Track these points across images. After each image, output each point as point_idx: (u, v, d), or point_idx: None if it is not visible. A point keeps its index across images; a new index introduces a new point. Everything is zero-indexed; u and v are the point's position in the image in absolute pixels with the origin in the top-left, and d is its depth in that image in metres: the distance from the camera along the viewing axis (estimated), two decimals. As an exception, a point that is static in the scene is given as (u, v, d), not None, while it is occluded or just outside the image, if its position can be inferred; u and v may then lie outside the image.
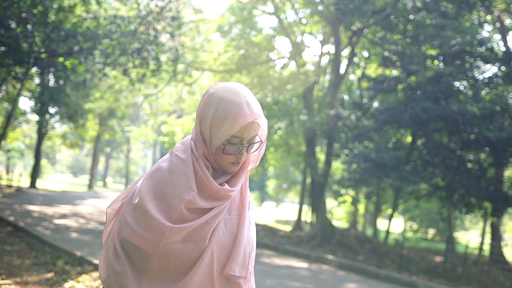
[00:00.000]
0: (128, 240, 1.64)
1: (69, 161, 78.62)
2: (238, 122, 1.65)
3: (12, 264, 7.70)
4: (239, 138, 1.68)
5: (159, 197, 1.64)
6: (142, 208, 1.63)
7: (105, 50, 12.38)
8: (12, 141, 31.50)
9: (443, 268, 13.09)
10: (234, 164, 1.73)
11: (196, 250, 1.63)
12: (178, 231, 1.61)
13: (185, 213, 1.63)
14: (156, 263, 1.62)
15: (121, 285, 1.64)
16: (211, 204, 1.68)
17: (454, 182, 12.52)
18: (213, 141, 1.69)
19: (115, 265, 1.67)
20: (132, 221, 1.65)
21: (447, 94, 12.76)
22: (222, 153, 1.69)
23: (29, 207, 16.06)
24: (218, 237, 1.67)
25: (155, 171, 1.71)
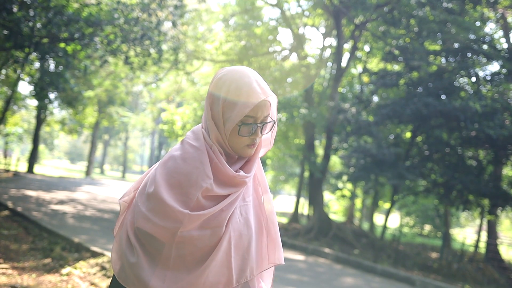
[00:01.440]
0: (143, 229, 1.62)
1: (67, 147, 78.60)
2: (251, 101, 1.63)
3: (9, 249, 7.68)
4: (253, 118, 1.67)
5: (174, 186, 1.62)
6: (157, 197, 1.61)
7: (107, 37, 12.32)
8: (11, 125, 31.47)
9: (438, 264, 13.12)
10: (250, 147, 1.71)
11: (213, 237, 1.62)
12: (196, 218, 1.59)
13: (201, 201, 1.62)
14: (174, 251, 1.60)
15: (137, 276, 1.61)
16: (227, 191, 1.66)
17: (453, 179, 12.52)
18: (227, 124, 1.66)
19: (129, 256, 1.65)
20: (147, 210, 1.62)
21: (449, 90, 12.73)
22: (237, 136, 1.67)
23: (26, 192, 16.05)
24: (235, 224, 1.66)
25: (168, 159, 1.69)
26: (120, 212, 1.83)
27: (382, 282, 10.30)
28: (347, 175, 14.61)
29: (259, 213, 1.78)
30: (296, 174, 32.54)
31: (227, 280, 1.64)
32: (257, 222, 1.75)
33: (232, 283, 1.64)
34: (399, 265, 12.65)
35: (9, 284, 5.71)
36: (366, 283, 9.82)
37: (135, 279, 1.62)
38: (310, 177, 18.26)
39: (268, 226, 1.79)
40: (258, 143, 1.77)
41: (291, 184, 41.61)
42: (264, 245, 1.77)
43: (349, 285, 9.37)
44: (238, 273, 1.66)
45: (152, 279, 1.59)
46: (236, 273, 1.65)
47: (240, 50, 19.52)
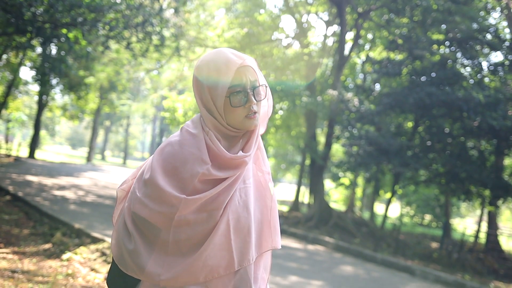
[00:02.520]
0: (140, 215, 1.62)
1: (68, 133, 78.64)
2: (230, 68, 1.63)
3: (10, 234, 7.70)
4: (240, 86, 1.65)
5: (170, 172, 1.62)
6: (153, 183, 1.61)
7: (109, 23, 12.26)
8: (13, 111, 31.47)
9: (438, 254, 13.14)
10: (250, 117, 1.68)
11: (210, 220, 1.61)
12: (192, 202, 1.58)
13: (198, 186, 1.61)
14: (171, 236, 1.59)
15: (135, 262, 1.61)
16: (227, 174, 1.64)
17: (455, 169, 12.49)
18: (218, 102, 1.65)
19: (127, 243, 1.65)
20: (143, 196, 1.62)
21: (452, 80, 12.67)
22: (232, 109, 1.65)
23: (27, 177, 16.07)
24: (234, 206, 1.65)
25: (165, 146, 1.69)
26: (118, 200, 1.84)
27: (382, 271, 10.32)
28: (348, 163, 14.58)
29: (259, 196, 1.76)
30: (297, 163, 32.51)
31: (228, 263, 1.63)
32: (257, 205, 1.74)
33: (233, 266, 1.63)
34: (399, 255, 12.67)
35: (9, 268, 5.72)
36: (366, 272, 9.84)
37: (134, 265, 1.62)
38: (311, 165, 18.25)
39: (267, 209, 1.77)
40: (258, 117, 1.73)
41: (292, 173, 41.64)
42: (265, 228, 1.76)
43: (349, 274, 9.39)
44: (240, 256, 1.64)
45: (149, 264, 1.59)
46: (238, 256, 1.64)
47: (243, 38, 19.42)
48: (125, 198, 1.81)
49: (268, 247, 1.76)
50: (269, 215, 1.78)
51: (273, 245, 1.78)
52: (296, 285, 7.59)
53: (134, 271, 1.62)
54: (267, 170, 1.82)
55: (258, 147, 1.80)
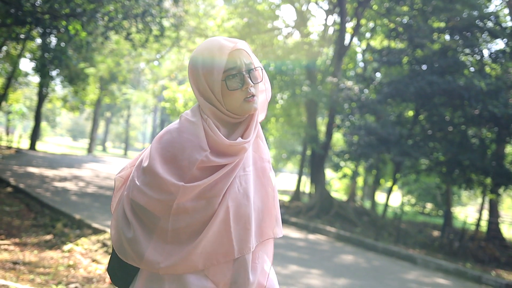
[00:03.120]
0: (138, 202, 1.61)
1: (69, 124, 78.65)
2: (223, 52, 1.64)
3: (11, 225, 7.71)
4: (235, 69, 1.66)
5: (169, 159, 1.61)
6: (152, 170, 1.60)
7: (108, 13, 12.21)
8: (13, 102, 31.46)
9: (440, 243, 13.16)
10: (248, 100, 1.67)
11: (208, 207, 1.60)
12: (191, 189, 1.57)
13: (197, 173, 1.60)
14: (170, 224, 1.58)
15: (135, 251, 1.61)
16: (227, 160, 1.63)
17: (456, 157, 12.48)
18: (215, 87, 1.65)
19: (126, 231, 1.64)
20: (142, 184, 1.62)
21: (453, 69, 12.64)
22: (230, 93, 1.65)
23: (28, 169, 16.08)
24: (233, 194, 1.64)
25: (164, 134, 1.68)
26: (116, 188, 1.83)
27: (383, 260, 10.33)
28: (349, 153, 14.56)
29: (260, 184, 1.75)
30: (298, 152, 32.52)
31: (227, 251, 1.62)
32: (258, 193, 1.73)
33: (233, 253, 1.62)
34: (401, 243, 12.69)
35: (11, 260, 5.73)
36: (366, 261, 9.86)
37: (133, 254, 1.61)
38: (312, 155, 18.25)
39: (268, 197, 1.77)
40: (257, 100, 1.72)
41: (293, 162, 41.65)
42: (266, 217, 1.75)
43: (349, 263, 9.41)
44: (240, 244, 1.63)
45: (148, 252, 1.59)
46: (238, 243, 1.63)
47: (242, 28, 19.36)
48: (123, 186, 1.80)
49: (269, 236, 1.76)
50: (270, 203, 1.77)
51: (274, 233, 1.77)
52: (296, 274, 7.60)
53: (133, 259, 1.62)
54: (268, 159, 1.81)
55: (258, 135, 1.79)
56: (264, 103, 1.83)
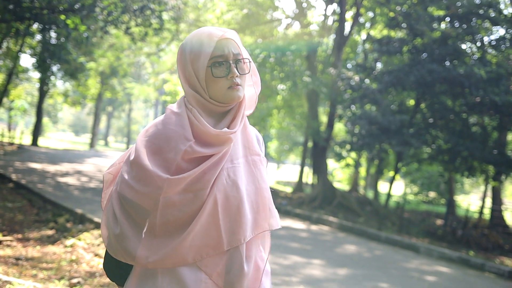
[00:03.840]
0: (126, 196, 1.60)
1: (70, 119, 78.74)
2: (212, 39, 1.65)
3: (13, 221, 7.74)
4: (222, 56, 1.66)
5: (155, 152, 1.61)
6: (138, 163, 1.60)
7: (107, 8, 12.19)
8: (15, 98, 31.47)
9: (443, 231, 13.17)
10: (233, 88, 1.67)
11: (196, 200, 1.59)
12: (176, 182, 1.56)
13: (183, 165, 1.59)
14: (158, 218, 1.57)
15: (123, 247, 1.61)
16: (212, 150, 1.62)
17: (457, 146, 12.46)
18: (200, 73, 1.65)
19: (114, 228, 1.64)
20: (130, 178, 1.61)
21: (454, 57, 12.60)
22: (215, 80, 1.65)
23: (31, 165, 16.11)
24: (221, 185, 1.62)
25: (150, 127, 1.69)
26: (105, 184, 1.82)
27: (386, 249, 10.35)
28: (351, 143, 14.55)
29: (252, 176, 1.73)
30: (300, 143, 32.51)
31: (217, 243, 1.61)
32: (251, 186, 1.71)
33: (222, 246, 1.61)
34: (404, 233, 12.70)
35: (13, 256, 5.75)
36: (369, 251, 9.87)
37: (121, 249, 1.61)
38: (314, 145, 18.24)
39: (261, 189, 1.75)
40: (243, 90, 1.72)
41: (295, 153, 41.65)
42: (261, 209, 1.73)
43: (352, 253, 9.42)
44: (229, 236, 1.62)
45: (136, 247, 1.58)
46: (227, 236, 1.61)
47: (242, 19, 19.32)
48: (112, 182, 1.79)
49: (264, 228, 1.74)
50: (264, 195, 1.75)
51: (270, 225, 1.76)
52: (297, 264, 7.61)
53: (122, 255, 1.62)
54: (258, 152, 1.79)
55: (247, 128, 1.78)
56: (252, 97, 1.83)
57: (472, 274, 9.06)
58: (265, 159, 1.83)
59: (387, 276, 7.70)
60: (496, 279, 8.92)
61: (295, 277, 6.75)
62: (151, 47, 24.76)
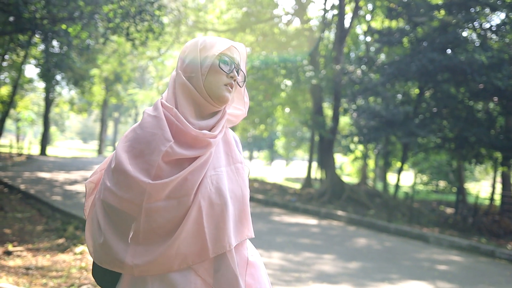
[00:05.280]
0: (110, 203, 1.60)
1: (78, 127, 79.09)
2: (227, 41, 1.75)
3: (23, 231, 7.78)
4: (230, 58, 1.74)
5: (136, 156, 1.61)
6: (120, 169, 1.60)
7: (107, 15, 12.22)
8: (22, 109, 31.66)
9: (453, 220, 13.13)
10: (228, 88, 1.72)
11: (180, 207, 1.59)
12: (159, 187, 1.56)
13: (164, 168, 1.59)
14: (142, 225, 1.57)
15: (108, 254, 1.61)
16: (192, 152, 1.63)
17: (463, 133, 12.42)
18: (206, 60, 1.70)
19: (98, 236, 1.64)
20: (112, 184, 1.61)
21: (454, 44, 12.56)
22: (216, 72, 1.70)
23: (39, 174, 16.20)
24: (205, 192, 1.62)
25: (128, 133, 1.69)
26: (87, 193, 1.82)
27: (396, 240, 10.34)
28: (357, 136, 14.53)
29: (235, 184, 1.74)
30: (307, 139, 32.50)
31: (201, 250, 1.61)
32: (232, 192, 1.71)
33: (207, 253, 1.62)
34: (414, 223, 12.68)
35: (23, 266, 5.79)
36: (379, 243, 9.86)
37: (106, 257, 1.61)
38: (320, 140, 18.23)
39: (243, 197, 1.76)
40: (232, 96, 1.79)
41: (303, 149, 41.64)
42: (242, 216, 1.74)
43: (362, 246, 9.42)
44: (214, 244, 1.62)
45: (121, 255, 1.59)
46: (212, 243, 1.62)
47: (242, 18, 19.33)
48: (94, 190, 1.79)
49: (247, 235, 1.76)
50: (245, 203, 1.76)
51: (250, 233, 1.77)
52: (308, 260, 7.63)
53: (107, 263, 1.62)
54: (240, 160, 1.81)
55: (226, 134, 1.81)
56: (240, 116, 1.90)
57: (484, 261, 9.04)
58: (247, 166, 1.84)
59: (398, 267, 7.70)
60: (507, 265, 8.90)
61: (306, 273, 6.76)
62: (153, 51, 24.77)
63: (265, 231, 10.04)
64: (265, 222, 11.38)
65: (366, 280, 6.66)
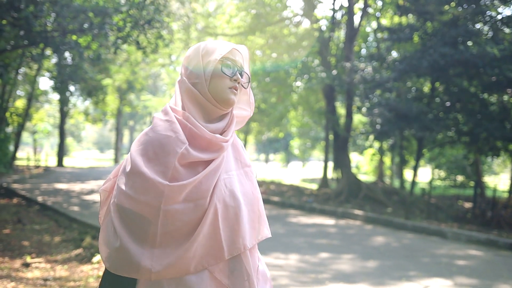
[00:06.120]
0: (126, 207, 1.60)
1: (94, 137, 79.68)
2: (228, 44, 1.77)
3: (41, 243, 7.86)
4: (233, 60, 1.76)
5: (151, 158, 1.62)
6: (136, 172, 1.60)
7: (116, 24, 12.30)
8: (38, 122, 31.98)
9: (472, 214, 13.02)
10: (232, 91, 1.74)
11: (197, 210, 1.61)
12: (176, 189, 1.57)
13: (180, 170, 1.61)
14: (159, 228, 1.58)
15: (124, 259, 1.59)
16: (207, 156, 1.66)
17: (478, 126, 12.31)
18: (209, 66, 1.72)
19: (113, 241, 1.62)
20: (128, 188, 1.60)
21: (465, 38, 12.45)
22: (220, 77, 1.72)
23: (56, 186, 16.35)
24: (220, 195, 1.65)
25: (141, 137, 1.70)
26: (102, 201, 1.81)
27: (413, 237, 10.27)
28: (372, 133, 14.45)
29: (245, 186, 1.77)
30: (322, 139, 32.43)
31: (217, 252, 1.63)
32: (244, 194, 1.74)
33: (223, 256, 1.64)
34: (432, 219, 12.59)
35: (41, 277, 5.84)
36: (397, 240, 9.81)
37: (123, 263, 1.59)
38: (335, 139, 18.18)
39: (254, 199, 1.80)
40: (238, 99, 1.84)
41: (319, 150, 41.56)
42: (255, 218, 1.77)
43: (379, 244, 9.37)
44: (229, 246, 1.65)
45: (138, 259, 1.57)
46: (227, 245, 1.64)
47: (252, 20, 19.36)
48: (109, 198, 1.78)
49: (264, 235, 1.82)
50: (258, 204, 1.81)
51: (265, 234, 1.83)
52: (325, 260, 7.61)
53: (124, 268, 1.59)
54: (249, 164, 1.85)
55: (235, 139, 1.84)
56: (247, 117, 1.94)
57: (503, 254, 8.95)
58: (255, 169, 1.88)
59: (416, 264, 7.65)
60: (528, 258, 8.80)
61: (323, 274, 6.74)
62: (165, 58, 24.92)
63: (282, 233, 10.04)
64: (281, 224, 11.37)
65: (384, 279, 6.63)
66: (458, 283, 6.59)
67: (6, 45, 12.33)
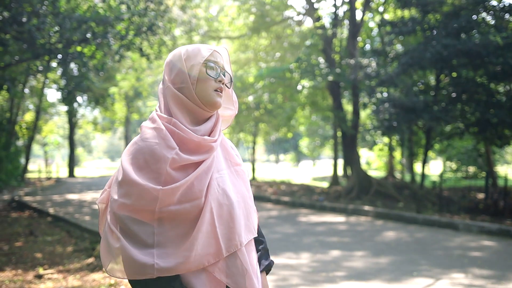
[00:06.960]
0: (123, 214, 1.62)
1: (105, 146, 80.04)
2: (208, 47, 1.80)
3: (54, 254, 7.89)
4: (215, 62, 1.79)
5: (142, 167, 1.64)
6: (128, 181, 1.63)
7: (119, 32, 12.35)
8: (47, 134, 32.17)
9: (484, 205, 12.94)
10: (218, 93, 1.77)
11: (193, 210, 1.63)
12: (170, 192, 1.60)
13: (172, 174, 1.63)
14: (155, 229, 1.61)
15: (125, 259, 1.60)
16: (198, 157, 1.68)
17: (485, 116, 12.24)
18: (194, 70, 1.74)
19: (114, 243, 1.63)
20: (121, 196, 1.63)
21: (468, 28, 12.38)
22: (205, 79, 1.75)
23: (68, 196, 16.43)
24: (214, 194, 1.69)
25: (130, 146, 1.73)
26: (100, 212, 1.85)
27: (425, 231, 10.23)
28: (379, 128, 14.40)
29: (237, 185, 1.81)
30: (331, 136, 32.38)
31: (216, 251, 1.66)
32: (236, 193, 1.78)
33: (221, 253, 1.66)
34: (444, 211, 12.53)
35: (54, 288, 5.87)
36: (408, 235, 9.77)
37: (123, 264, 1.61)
38: (343, 136, 18.15)
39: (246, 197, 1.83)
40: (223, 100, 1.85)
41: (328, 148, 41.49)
42: (248, 215, 1.81)
43: (391, 239, 9.34)
44: (226, 243, 1.68)
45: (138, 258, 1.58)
46: (224, 243, 1.67)
47: (254, 22, 19.36)
48: (106, 209, 1.81)
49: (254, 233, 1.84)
50: (250, 202, 1.85)
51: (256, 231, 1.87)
52: (338, 259, 7.59)
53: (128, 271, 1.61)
54: (239, 163, 1.89)
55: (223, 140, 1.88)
56: (232, 115, 1.96)
57: (516, 244, 8.90)
58: (246, 169, 1.91)
59: (428, 258, 7.62)
60: (541, 246, 8.75)
61: (335, 272, 6.73)
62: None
63: (292, 232, 10.04)
64: (292, 223, 11.36)
65: (396, 274, 6.61)
66: (471, 275, 6.56)
67: (12, 60, 12.42)
